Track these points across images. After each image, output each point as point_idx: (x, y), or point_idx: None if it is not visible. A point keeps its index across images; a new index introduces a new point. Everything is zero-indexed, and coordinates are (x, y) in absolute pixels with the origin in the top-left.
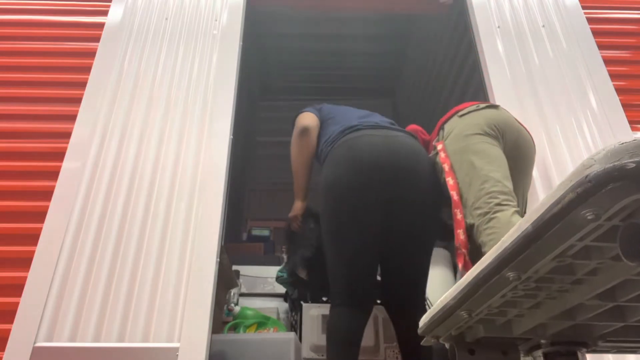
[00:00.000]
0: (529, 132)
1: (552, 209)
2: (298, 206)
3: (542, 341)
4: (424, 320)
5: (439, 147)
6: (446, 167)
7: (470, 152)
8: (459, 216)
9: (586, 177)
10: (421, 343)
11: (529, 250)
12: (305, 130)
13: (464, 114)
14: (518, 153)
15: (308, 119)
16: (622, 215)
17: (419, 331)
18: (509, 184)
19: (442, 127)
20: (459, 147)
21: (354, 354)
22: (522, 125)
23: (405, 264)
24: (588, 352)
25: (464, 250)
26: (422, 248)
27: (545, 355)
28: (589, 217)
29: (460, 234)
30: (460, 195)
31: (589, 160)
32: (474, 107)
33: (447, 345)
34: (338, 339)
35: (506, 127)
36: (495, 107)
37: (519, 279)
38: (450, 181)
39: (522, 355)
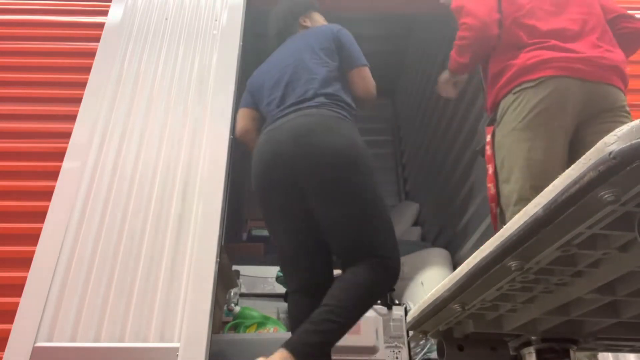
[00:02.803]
0: (608, 73)
1: (569, 190)
2: None
3: (533, 338)
4: (412, 314)
5: (487, 138)
6: (490, 169)
7: (514, 153)
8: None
9: (610, 154)
10: (408, 339)
11: (536, 237)
12: (243, 140)
13: (518, 92)
14: (590, 110)
15: (240, 123)
16: (637, 200)
17: (407, 326)
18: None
19: (499, 104)
20: (506, 143)
21: None
22: (598, 71)
23: (335, 233)
24: (578, 349)
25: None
26: (343, 207)
27: (537, 351)
28: (608, 199)
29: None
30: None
31: (610, 137)
32: (529, 83)
33: (434, 341)
34: (294, 326)
35: (567, 100)
36: (553, 77)
37: (521, 269)
38: (491, 189)
39: (511, 351)
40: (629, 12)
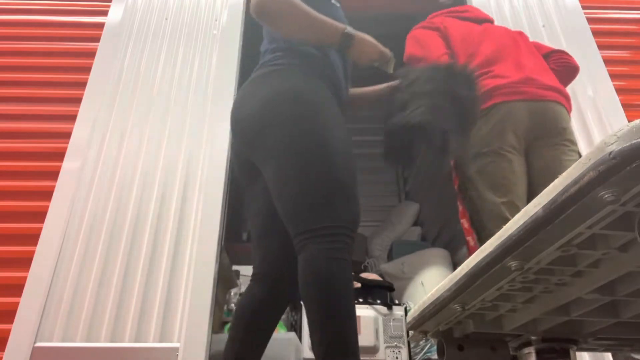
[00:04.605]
0: (553, 94)
1: (568, 190)
2: None
3: (533, 338)
4: (412, 314)
5: (452, 164)
6: (460, 207)
7: (477, 183)
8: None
9: (609, 154)
10: (408, 339)
11: (536, 237)
12: None
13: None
14: (537, 129)
15: None
16: (637, 200)
17: (407, 326)
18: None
19: None
20: (467, 175)
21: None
22: (541, 92)
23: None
24: (578, 349)
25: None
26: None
27: (537, 352)
28: (608, 199)
29: None
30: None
31: (610, 137)
32: (482, 112)
33: (434, 341)
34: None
35: (515, 122)
36: (501, 103)
37: (521, 269)
38: (464, 224)
39: (511, 351)
40: (629, 12)
